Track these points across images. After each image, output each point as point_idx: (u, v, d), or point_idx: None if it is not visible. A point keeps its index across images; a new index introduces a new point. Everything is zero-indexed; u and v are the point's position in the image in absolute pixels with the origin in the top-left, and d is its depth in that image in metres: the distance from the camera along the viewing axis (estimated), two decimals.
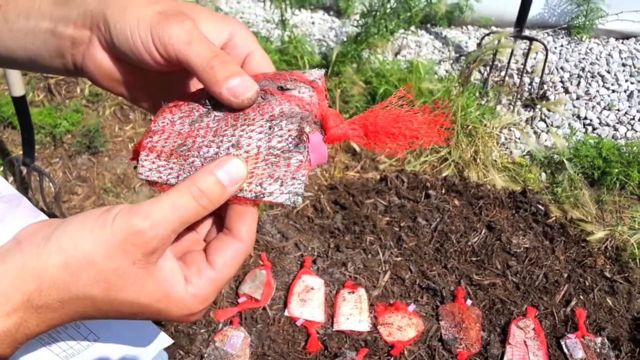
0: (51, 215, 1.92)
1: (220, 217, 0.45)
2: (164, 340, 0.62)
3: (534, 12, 2.69)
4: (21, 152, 1.85)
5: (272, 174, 0.40)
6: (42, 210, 1.92)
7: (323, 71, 0.46)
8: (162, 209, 0.38)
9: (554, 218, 2.02)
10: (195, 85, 0.50)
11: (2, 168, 2.12)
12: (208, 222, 0.46)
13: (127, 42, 0.41)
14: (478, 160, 2.24)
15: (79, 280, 0.37)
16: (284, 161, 0.40)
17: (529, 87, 2.60)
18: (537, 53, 2.70)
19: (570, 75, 2.60)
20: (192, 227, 0.44)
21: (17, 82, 1.67)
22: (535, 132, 2.43)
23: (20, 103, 1.70)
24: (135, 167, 0.45)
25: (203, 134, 0.43)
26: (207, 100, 0.44)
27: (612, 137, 2.34)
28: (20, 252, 0.37)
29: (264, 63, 0.47)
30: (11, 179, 2.06)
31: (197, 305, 0.41)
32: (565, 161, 2.18)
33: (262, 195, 0.40)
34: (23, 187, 1.97)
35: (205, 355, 1.58)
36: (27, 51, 0.46)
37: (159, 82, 0.48)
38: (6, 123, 2.26)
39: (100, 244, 0.37)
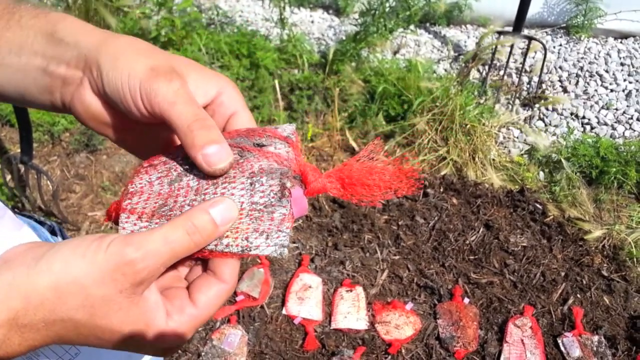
0: (49, 213, 1.92)
1: (199, 259, 0.46)
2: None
3: (533, 11, 2.69)
4: (19, 150, 1.85)
5: (257, 228, 0.41)
6: (39, 208, 1.93)
7: (294, 126, 0.48)
8: (155, 241, 0.38)
9: (551, 217, 2.02)
10: None
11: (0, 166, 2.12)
12: (188, 263, 0.47)
13: (117, 92, 0.43)
14: (476, 159, 2.24)
15: (66, 303, 0.37)
16: (267, 215, 0.41)
17: (528, 86, 2.60)
18: (535, 52, 2.71)
19: (569, 75, 2.61)
20: (173, 266, 0.45)
21: None
22: (533, 132, 2.43)
23: None
24: (111, 228, 0.45)
25: (184, 194, 0.44)
26: (185, 159, 0.45)
27: (610, 136, 2.35)
28: (9, 270, 0.37)
29: (248, 124, 0.48)
30: (9, 177, 2.06)
31: (174, 341, 0.42)
32: (563, 160, 2.18)
33: (248, 249, 0.41)
34: (21, 185, 1.97)
35: (203, 353, 1.58)
36: (16, 87, 0.46)
37: (145, 129, 0.49)
38: (4, 121, 2.26)
39: (92, 270, 0.37)
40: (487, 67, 2.60)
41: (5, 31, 0.45)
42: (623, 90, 2.49)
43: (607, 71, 2.57)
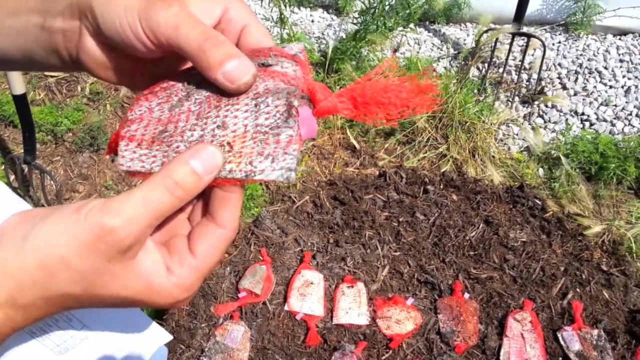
0: None
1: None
2: (164, 336, 0.63)
3: (532, 8, 2.70)
4: (22, 151, 1.87)
5: (262, 152, 0.39)
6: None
7: (302, 44, 0.45)
8: (134, 205, 0.36)
9: (551, 212, 2.03)
10: None
11: (3, 167, 2.14)
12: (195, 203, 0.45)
13: (116, 31, 0.40)
14: (476, 156, 2.26)
15: (58, 280, 0.36)
16: (273, 138, 0.39)
17: (527, 83, 2.61)
18: (535, 49, 2.72)
19: (568, 72, 2.62)
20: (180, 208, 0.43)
21: (17, 80, 1.69)
22: (532, 128, 2.44)
23: (21, 101, 1.72)
24: (112, 160, 0.44)
25: (185, 119, 0.41)
26: (185, 84, 0.43)
27: (609, 133, 2.36)
28: (1, 249, 0.37)
29: (261, 35, 0.44)
30: (12, 177, 2.08)
31: (181, 294, 0.41)
32: (562, 157, 2.19)
33: (252, 174, 0.39)
34: (25, 185, 1.99)
35: (206, 349, 1.60)
36: (21, 50, 0.45)
37: (157, 66, 0.47)
38: (7, 121, 2.28)
39: (74, 244, 0.36)
40: (486, 65, 2.62)
41: None
42: (622, 87, 2.50)
43: (606, 68, 2.58)
